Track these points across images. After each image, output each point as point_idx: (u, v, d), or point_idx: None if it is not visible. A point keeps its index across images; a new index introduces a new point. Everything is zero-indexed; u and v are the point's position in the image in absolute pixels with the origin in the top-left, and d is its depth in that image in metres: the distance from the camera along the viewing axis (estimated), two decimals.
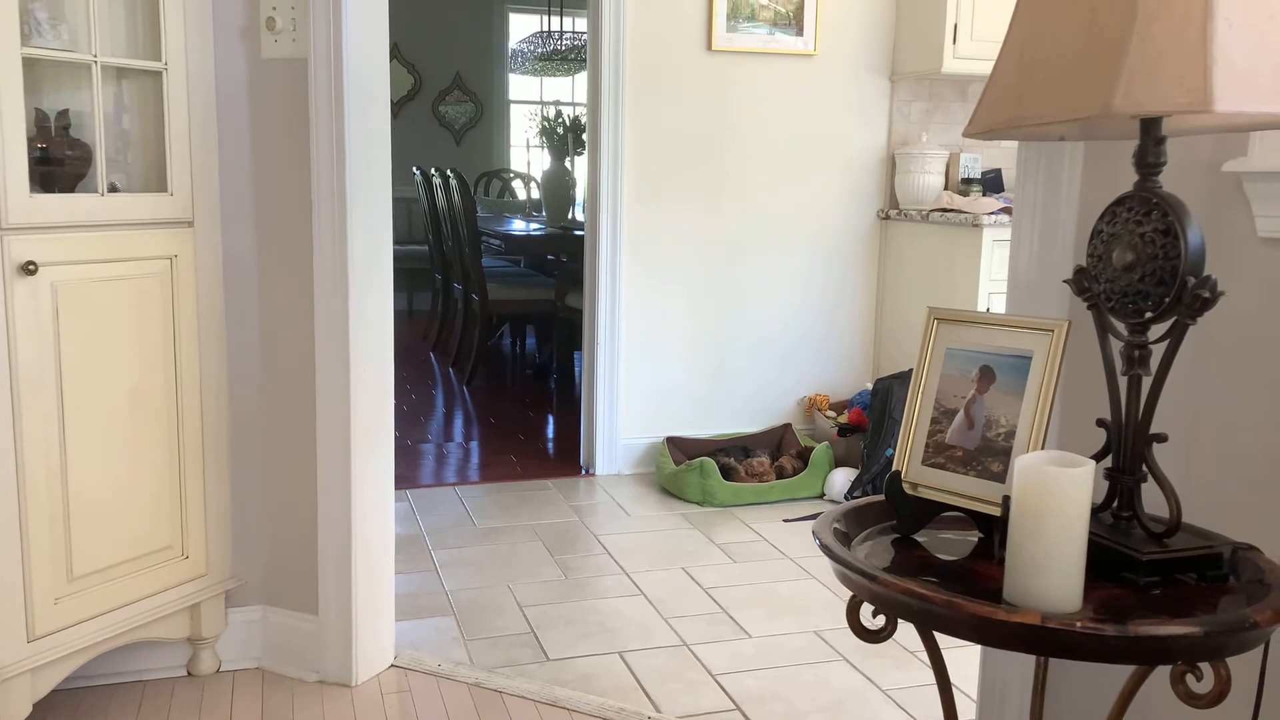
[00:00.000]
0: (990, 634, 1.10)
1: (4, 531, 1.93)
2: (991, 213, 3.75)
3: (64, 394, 2.02)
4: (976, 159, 4.29)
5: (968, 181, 4.24)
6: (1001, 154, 4.32)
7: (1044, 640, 1.07)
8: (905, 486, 1.37)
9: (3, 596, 1.93)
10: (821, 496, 3.80)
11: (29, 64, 1.93)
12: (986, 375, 1.33)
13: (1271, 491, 1.42)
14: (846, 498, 3.69)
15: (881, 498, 1.40)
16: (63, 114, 2.12)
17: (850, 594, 1.27)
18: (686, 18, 3.95)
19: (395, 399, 2.44)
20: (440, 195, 6.14)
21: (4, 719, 1.95)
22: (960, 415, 1.34)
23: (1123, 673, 1.34)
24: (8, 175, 1.89)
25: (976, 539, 1.36)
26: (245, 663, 2.43)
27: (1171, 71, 1.02)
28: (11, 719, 1.97)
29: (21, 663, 1.97)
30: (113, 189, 2.16)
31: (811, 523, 3.51)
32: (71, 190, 2.11)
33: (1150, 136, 1.19)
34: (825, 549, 1.26)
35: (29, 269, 1.92)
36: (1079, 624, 1.05)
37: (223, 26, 2.25)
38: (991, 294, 3.71)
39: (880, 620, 1.27)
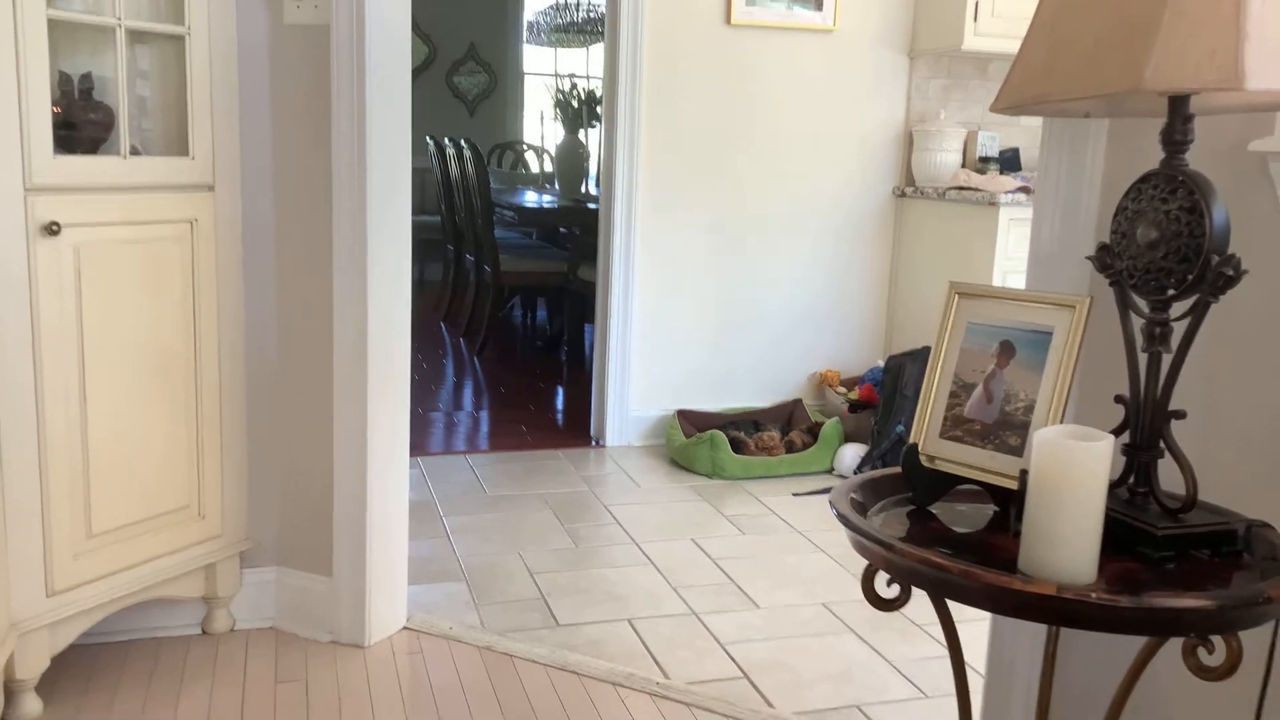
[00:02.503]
0: (1005, 603, 1.11)
1: (25, 489, 1.95)
2: (1009, 191, 3.74)
3: (85, 355, 2.03)
4: (994, 137, 4.28)
5: (985, 160, 4.22)
6: (1020, 133, 4.30)
7: (1059, 610, 1.08)
8: (922, 459, 1.38)
9: (23, 552, 1.96)
10: (830, 471, 3.82)
11: (53, 26, 1.93)
12: (1006, 350, 1.34)
13: None
14: (856, 473, 3.70)
15: (898, 470, 1.41)
16: (86, 77, 2.13)
17: (864, 565, 1.29)
18: None
19: (409, 367, 2.45)
20: (454, 166, 6.13)
21: (23, 672, 1.99)
22: (979, 389, 1.35)
23: (1130, 648, 1.35)
24: (32, 137, 1.90)
25: (992, 512, 1.37)
26: (259, 622, 2.46)
27: (1203, 48, 1.02)
28: (30, 672, 2.00)
29: (41, 616, 1.99)
30: (134, 152, 2.16)
31: (820, 497, 3.54)
32: (94, 153, 2.12)
33: (1178, 114, 1.18)
34: (842, 518, 1.27)
35: (52, 229, 1.94)
36: (1094, 595, 1.06)
37: None
38: (1007, 273, 3.70)
39: (895, 590, 1.29)
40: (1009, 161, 4.22)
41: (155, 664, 2.28)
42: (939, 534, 1.32)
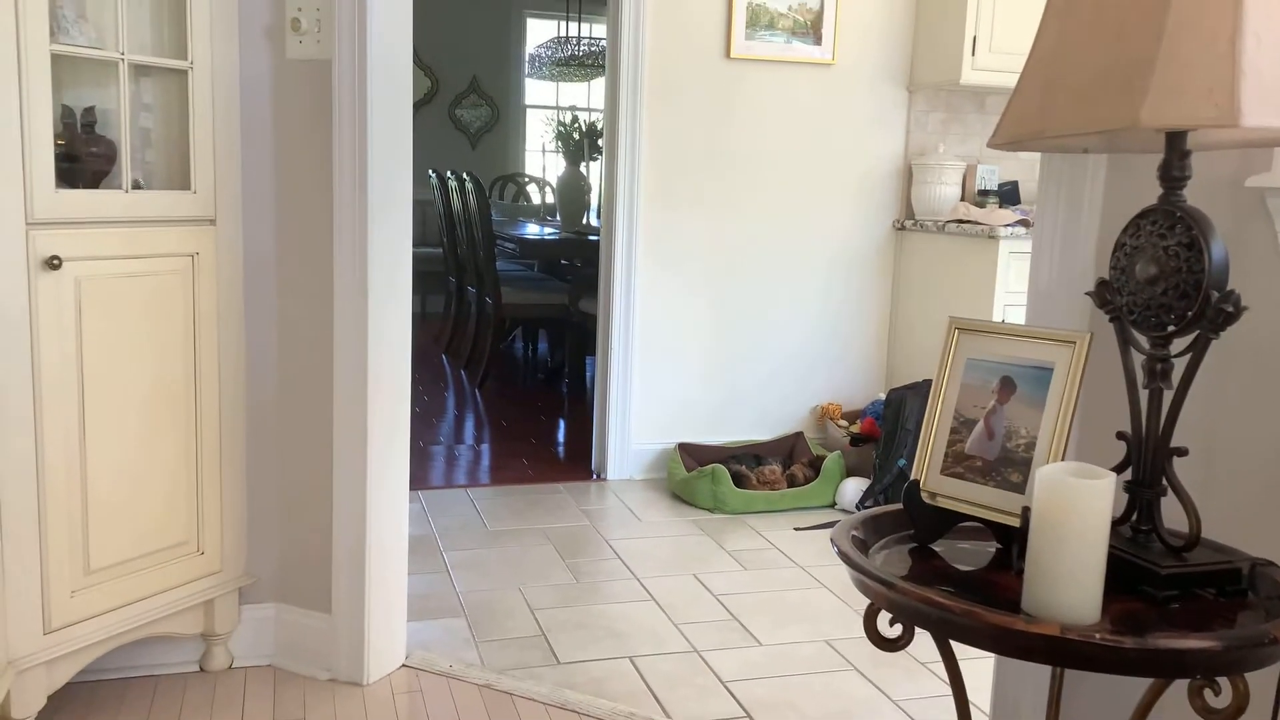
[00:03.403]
0: (1009, 644, 1.10)
1: (23, 525, 1.94)
2: (1008, 224, 3.75)
3: (84, 389, 2.03)
4: (993, 171, 4.29)
5: (984, 193, 4.24)
6: (1019, 166, 4.32)
7: (1062, 651, 1.07)
8: (923, 496, 1.37)
9: (20, 588, 1.95)
10: (833, 505, 3.80)
11: (56, 61, 1.94)
12: (1007, 386, 1.33)
13: None
14: (858, 508, 3.68)
15: (899, 506, 1.40)
16: (89, 110, 2.14)
17: (867, 602, 1.27)
18: (705, 25, 3.96)
19: (409, 402, 2.45)
20: (455, 198, 6.16)
21: (20, 710, 1.97)
22: (980, 425, 1.34)
23: (1136, 688, 1.34)
24: (34, 171, 1.91)
25: (994, 550, 1.36)
26: (257, 660, 2.44)
27: (1199, 85, 1.03)
28: (27, 710, 1.98)
29: (37, 654, 1.98)
30: (136, 186, 2.17)
31: (823, 531, 3.52)
32: (96, 186, 2.13)
33: (1175, 150, 1.19)
34: (844, 556, 1.26)
35: (53, 264, 1.94)
36: (1098, 636, 1.05)
37: (248, 26, 2.27)
38: (1007, 306, 3.70)
39: (897, 629, 1.27)
40: (1008, 195, 4.24)
41: (152, 702, 2.26)
42: (941, 572, 1.31)
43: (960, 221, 3.96)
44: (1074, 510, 1.10)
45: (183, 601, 2.26)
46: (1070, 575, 1.10)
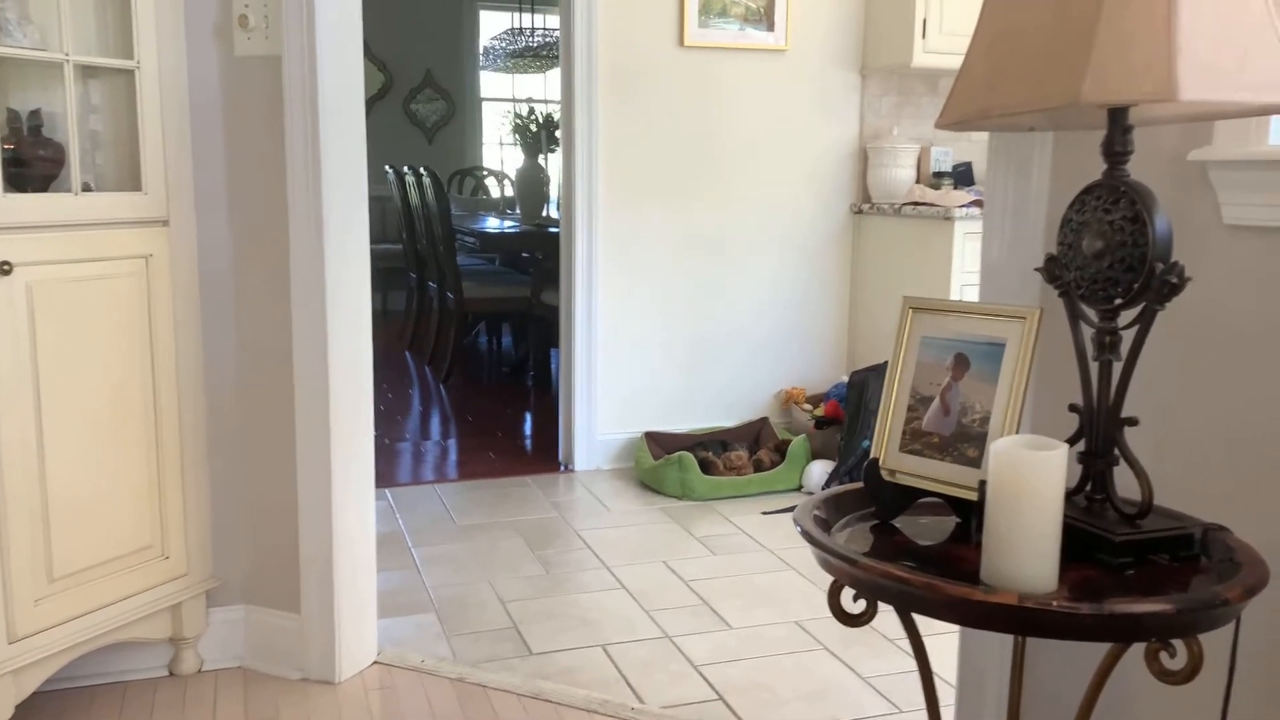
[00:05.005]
0: (968, 614, 1.12)
1: None
2: (963, 205, 3.79)
3: (41, 395, 2.01)
4: (947, 153, 4.33)
5: (939, 175, 4.28)
6: (972, 147, 4.36)
7: (1021, 619, 1.09)
8: (883, 473, 1.39)
9: None
10: (799, 489, 3.83)
11: (0, 63, 1.91)
12: (961, 362, 1.35)
13: (1238, 473, 1.45)
14: (825, 489, 3.72)
15: (860, 485, 1.42)
16: (35, 114, 2.11)
17: (831, 580, 1.29)
18: (659, 13, 3.97)
19: (372, 397, 2.44)
20: (414, 193, 6.13)
21: None
22: (936, 402, 1.37)
23: (1096, 654, 1.37)
24: None
25: (954, 524, 1.38)
26: (227, 662, 2.43)
27: (1138, 61, 1.05)
28: None
29: (2, 664, 1.96)
30: (86, 188, 2.15)
31: (790, 515, 3.54)
32: (45, 190, 2.10)
33: (1118, 126, 1.21)
34: (806, 535, 1.28)
35: (4, 269, 1.92)
36: (1055, 603, 1.07)
37: (195, 24, 2.25)
38: (964, 285, 3.74)
39: (861, 604, 1.29)
40: (962, 176, 4.28)
41: (122, 708, 2.24)
42: (903, 547, 1.33)
43: (916, 204, 4.00)
44: (1028, 482, 1.12)
45: (149, 606, 2.24)
46: (1027, 545, 1.12)
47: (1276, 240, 1.40)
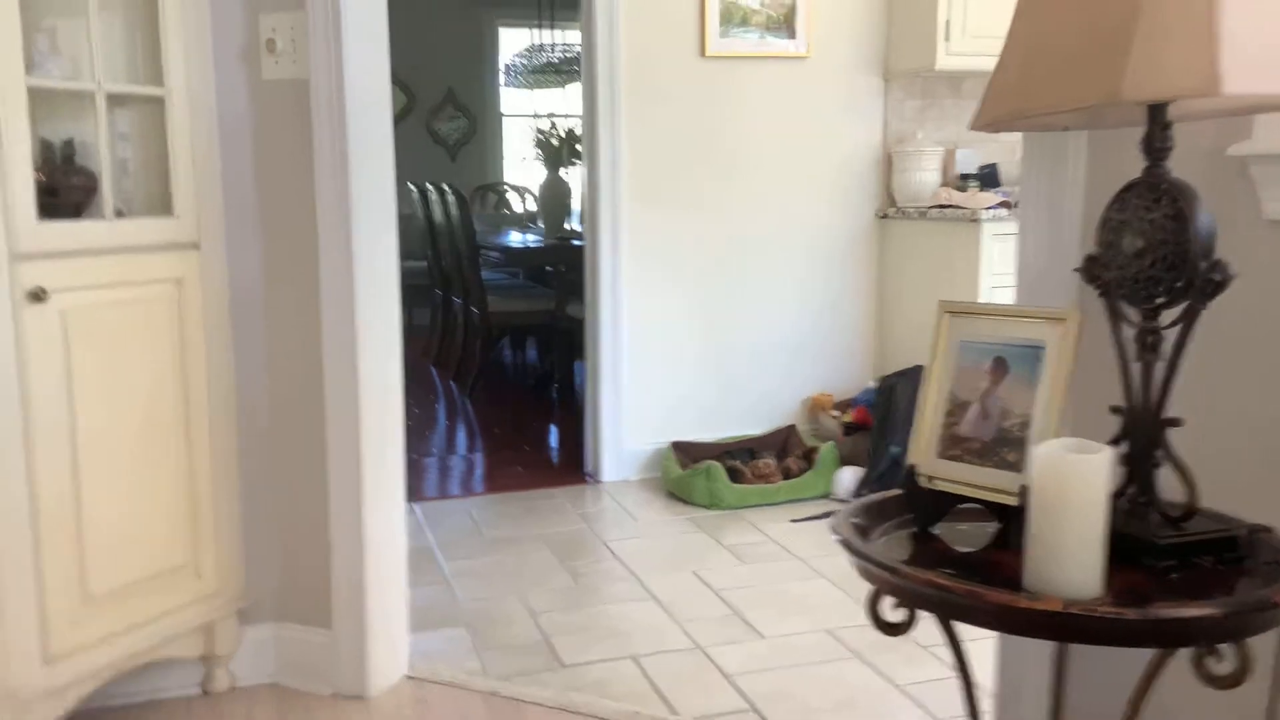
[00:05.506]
0: (1013, 622, 1.10)
1: (18, 558, 1.93)
2: (989, 207, 3.76)
3: (75, 418, 2.02)
4: (972, 154, 4.30)
5: (965, 177, 4.25)
6: (997, 149, 4.33)
7: (1066, 626, 1.07)
8: (921, 480, 1.37)
9: (18, 620, 1.93)
10: (828, 496, 3.80)
11: (33, 94, 1.93)
12: (1000, 366, 1.33)
13: None
14: (855, 496, 3.68)
15: (898, 492, 1.40)
16: (68, 143, 2.13)
17: (867, 590, 1.27)
18: (679, 25, 3.97)
19: (403, 413, 2.44)
20: (437, 210, 6.15)
21: None
22: (975, 407, 1.35)
23: (1138, 661, 1.34)
24: (15, 205, 1.89)
25: (994, 530, 1.36)
26: (259, 679, 2.42)
27: (1178, 55, 1.03)
28: None
29: (38, 685, 1.96)
30: (118, 214, 2.16)
31: (820, 523, 3.52)
32: (78, 217, 2.11)
33: (1157, 122, 1.19)
34: (845, 544, 1.26)
35: (39, 296, 1.93)
36: (1100, 609, 1.05)
37: (223, 50, 2.26)
38: (993, 288, 3.71)
39: (901, 613, 1.27)
40: (988, 178, 4.25)
41: None
42: (943, 554, 1.31)
43: (942, 206, 3.97)
44: (1073, 486, 1.10)
45: (183, 625, 2.24)
46: (1071, 550, 1.10)
47: None
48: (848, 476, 3.79)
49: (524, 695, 2.35)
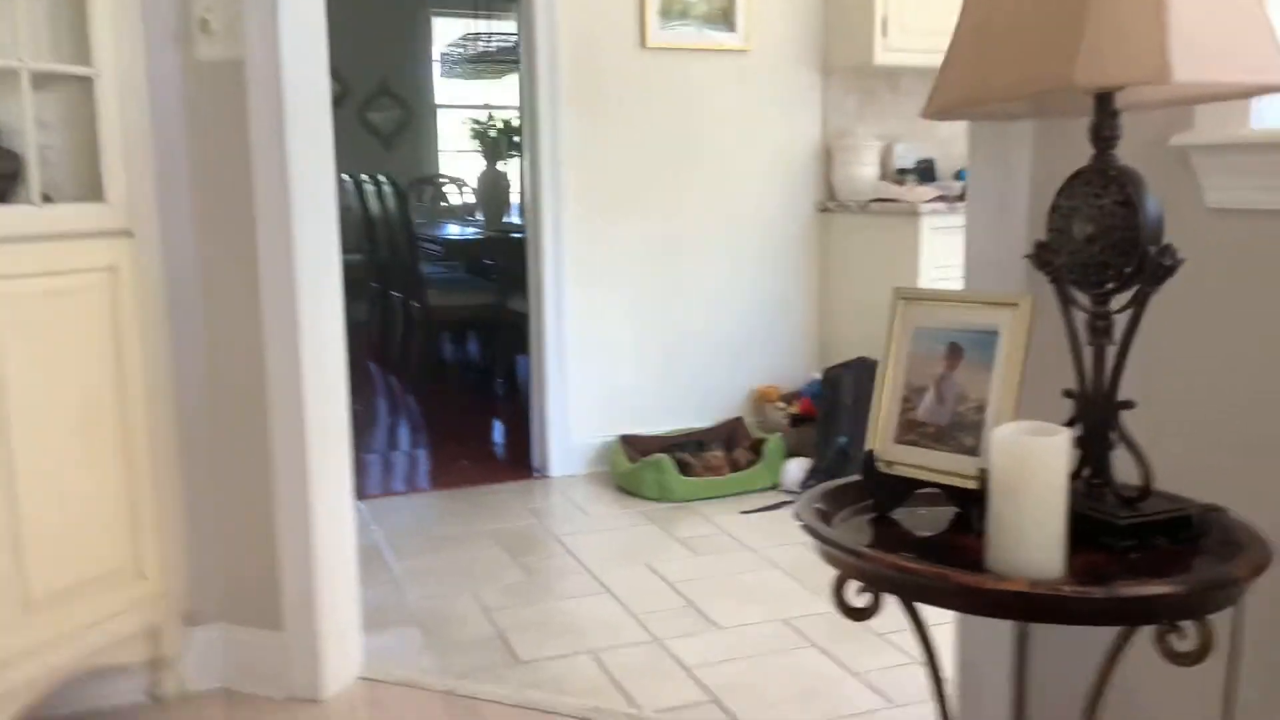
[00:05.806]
0: (979, 603, 1.12)
1: None
2: (928, 200, 3.81)
3: (7, 414, 1.95)
4: (910, 149, 4.36)
5: (902, 171, 4.30)
6: (934, 144, 4.39)
7: (1032, 606, 1.09)
8: (880, 465, 1.39)
9: None
10: (776, 487, 3.83)
11: None
12: (955, 352, 1.35)
13: (1228, 453, 1.46)
14: (803, 488, 3.72)
15: (857, 478, 1.41)
16: None
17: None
18: (619, 16, 3.96)
19: (348, 407, 2.40)
20: (373, 202, 6.07)
21: None
22: (930, 392, 1.36)
23: (1097, 642, 1.37)
24: None
25: (953, 514, 1.38)
26: (209, 683, 2.37)
27: (1130, 43, 1.05)
28: None
29: None
30: (46, 199, 2.09)
31: (769, 514, 3.54)
32: (3, 202, 2.05)
33: (1105, 110, 1.21)
34: (809, 529, 1.27)
35: None
36: (1066, 588, 1.07)
37: (154, 30, 2.20)
38: (934, 280, 3.76)
39: (866, 598, 1.28)
40: (925, 172, 4.31)
41: None
42: (903, 539, 1.33)
43: (882, 200, 4.02)
44: (1032, 468, 1.11)
45: (127, 628, 2.19)
46: (1033, 532, 1.12)
47: (1258, 221, 1.42)
48: (795, 468, 3.82)
49: (481, 693, 2.34)
